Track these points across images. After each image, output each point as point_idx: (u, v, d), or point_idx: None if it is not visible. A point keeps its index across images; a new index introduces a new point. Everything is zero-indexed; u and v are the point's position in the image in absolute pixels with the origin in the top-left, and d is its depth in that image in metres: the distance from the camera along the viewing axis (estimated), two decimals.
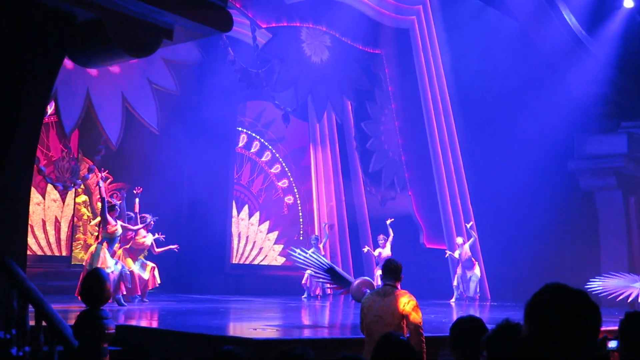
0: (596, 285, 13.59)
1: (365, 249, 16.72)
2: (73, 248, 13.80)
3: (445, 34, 18.40)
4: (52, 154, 13.43)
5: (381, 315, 5.70)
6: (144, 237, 11.95)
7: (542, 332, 1.89)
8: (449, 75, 18.49)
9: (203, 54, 15.05)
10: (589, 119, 17.95)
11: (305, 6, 16.32)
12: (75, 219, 14.02)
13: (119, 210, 11.31)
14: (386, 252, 15.82)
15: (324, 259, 10.77)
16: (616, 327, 3.01)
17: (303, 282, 15.57)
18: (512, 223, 17.62)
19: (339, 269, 9.96)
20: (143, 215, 12.02)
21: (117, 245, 11.23)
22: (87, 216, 14.05)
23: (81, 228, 13.97)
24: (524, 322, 1.95)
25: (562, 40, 17.64)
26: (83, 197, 14.07)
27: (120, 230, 10.97)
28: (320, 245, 15.98)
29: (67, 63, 11.06)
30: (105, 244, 10.73)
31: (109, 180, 13.69)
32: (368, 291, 7.55)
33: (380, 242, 16.12)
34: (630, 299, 13.22)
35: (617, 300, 13.34)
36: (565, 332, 1.87)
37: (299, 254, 10.91)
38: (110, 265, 10.62)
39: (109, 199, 11.44)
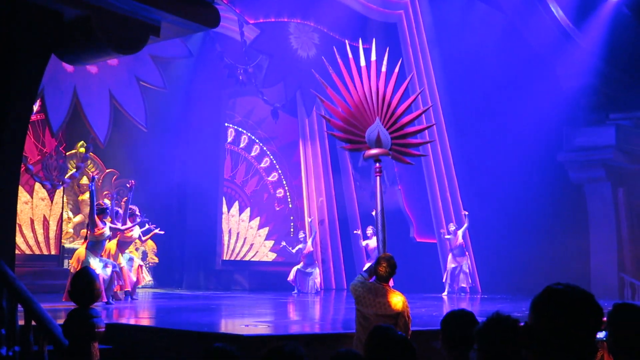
0: None
1: (357, 231, 16.56)
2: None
3: (434, 27, 18.40)
4: (46, 150, 13.41)
5: (369, 314, 5.69)
6: (131, 230, 11.91)
7: (542, 328, 1.92)
8: (437, 69, 18.50)
9: (191, 50, 15.01)
10: (578, 111, 18.03)
11: (292, 1, 16.30)
12: (83, 216, 14.03)
13: (109, 213, 11.19)
14: (373, 243, 15.75)
15: None
16: (604, 319, 3.03)
17: (290, 278, 15.57)
18: (502, 216, 17.69)
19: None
20: (131, 207, 11.95)
21: (105, 247, 11.05)
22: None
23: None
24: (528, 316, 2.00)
25: (550, 33, 17.70)
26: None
27: (107, 233, 10.71)
28: (309, 241, 15.98)
29: (56, 62, 11.01)
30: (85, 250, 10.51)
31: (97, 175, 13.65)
32: (378, 165, 7.19)
33: (369, 232, 15.85)
34: None
35: None
36: (565, 329, 1.91)
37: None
38: (96, 267, 10.27)
39: (100, 202, 11.33)
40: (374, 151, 7.15)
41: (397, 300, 5.70)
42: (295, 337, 6.92)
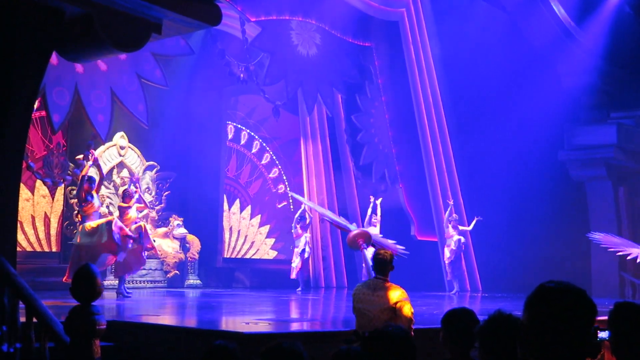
0: (597, 236, 14.09)
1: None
2: None
3: (435, 25, 18.41)
4: (52, 146, 13.45)
5: (369, 309, 5.69)
6: (128, 212, 12.00)
7: (536, 326, 1.94)
8: (439, 67, 18.50)
9: (192, 47, 15.00)
10: (579, 109, 18.04)
11: None
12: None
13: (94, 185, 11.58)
14: (374, 230, 15.74)
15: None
16: (606, 318, 3.03)
17: (293, 277, 15.59)
18: (503, 214, 17.69)
19: (337, 219, 9.72)
20: (128, 190, 12.33)
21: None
22: None
23: None
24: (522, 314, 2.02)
25: (552, 32, 17.70)
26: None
27: (97, 204, 11.37)
28: (298, 226, 16.04)
29: (55, 59, 11.01)
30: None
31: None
32: (363, 243, 7.62)
33: (374, 220, 15.86)
34: (629, 257, 13.86)
35: (617, 254, 13.91)
36: (558, 326, 1.92)
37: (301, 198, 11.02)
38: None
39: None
40: (356, 231, 8.03)
41: (395, 294, 5.70)
42: (296, 335, 6.93)
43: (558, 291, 1.99)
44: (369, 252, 13.90)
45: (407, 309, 5.66)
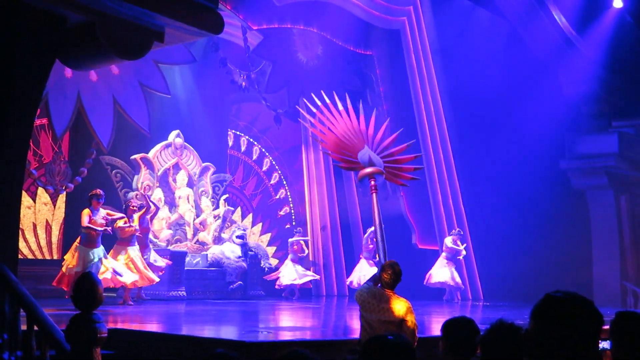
0: None
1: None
2: None
3: (436, 34, 18.43)
4: (58, 153, 13.48)
5: (374, 320, 5.67)
6: (122, 225, 11.90)
7: (542, 335, 1.94)
8: (440, 76, 18.52)
9: (195, 55, 15.04)
10: (580, 118, 18.05)
11: (296, 8, 16.32)
12: (178, 214, 14.45)
13: (102, 200, 11.25)
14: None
15: None
16: (607, 327, 3.03)
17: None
18: (505, 223, 17.66)
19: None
20: (132, 203, 12.38)
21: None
22: None
23: None
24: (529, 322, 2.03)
25: (553, 40, 17.73)
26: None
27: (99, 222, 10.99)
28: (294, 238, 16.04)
29: (60, 67, 11.03)
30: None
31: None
32: (373, 183, 7.34)
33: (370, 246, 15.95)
34: None
35: None
36: (565, 336, 1.93)
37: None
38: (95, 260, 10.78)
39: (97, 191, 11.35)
40: (368, 170, 7.29)
41: (400, 307, 5.67)
42: (297, 344, 6.91)
43: (565, 301, 1.99)
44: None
45: (411, 321, 5.65)
